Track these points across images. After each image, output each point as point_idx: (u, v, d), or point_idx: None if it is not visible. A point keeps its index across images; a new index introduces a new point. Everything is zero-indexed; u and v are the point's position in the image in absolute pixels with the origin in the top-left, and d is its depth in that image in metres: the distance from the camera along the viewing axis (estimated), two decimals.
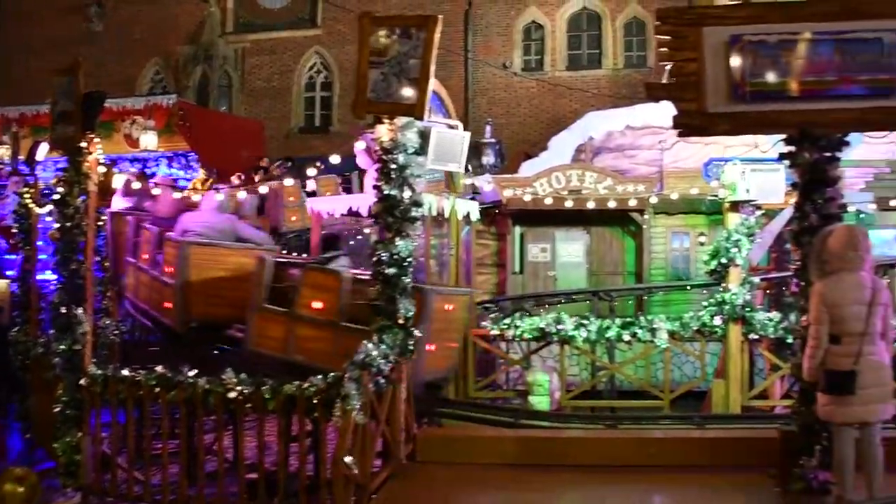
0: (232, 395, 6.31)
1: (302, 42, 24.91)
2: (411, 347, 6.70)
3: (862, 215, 13.74)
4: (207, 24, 25.11)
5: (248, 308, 7.86)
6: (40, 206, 10.07)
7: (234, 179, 15.70)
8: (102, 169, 8.64)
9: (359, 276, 7.61)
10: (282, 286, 7.93)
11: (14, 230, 10.91)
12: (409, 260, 6.71)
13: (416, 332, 6.74)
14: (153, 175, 15.21)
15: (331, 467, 5.76)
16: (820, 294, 5.33)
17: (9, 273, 11.96)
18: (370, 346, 6.19)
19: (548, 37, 22.26)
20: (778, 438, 6.00)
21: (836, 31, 5.55)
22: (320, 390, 6.02)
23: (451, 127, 8.04)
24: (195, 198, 12.10)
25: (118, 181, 11.67)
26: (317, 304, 7.48)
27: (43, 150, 11.11)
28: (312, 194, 12.73)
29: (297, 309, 7.59)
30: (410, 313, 6.68)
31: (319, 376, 6.08)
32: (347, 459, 5.61)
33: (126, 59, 25.25)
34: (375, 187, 6.81)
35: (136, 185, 11.49)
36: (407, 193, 6.70)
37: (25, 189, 10.54)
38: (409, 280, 6.73)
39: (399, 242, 6.66)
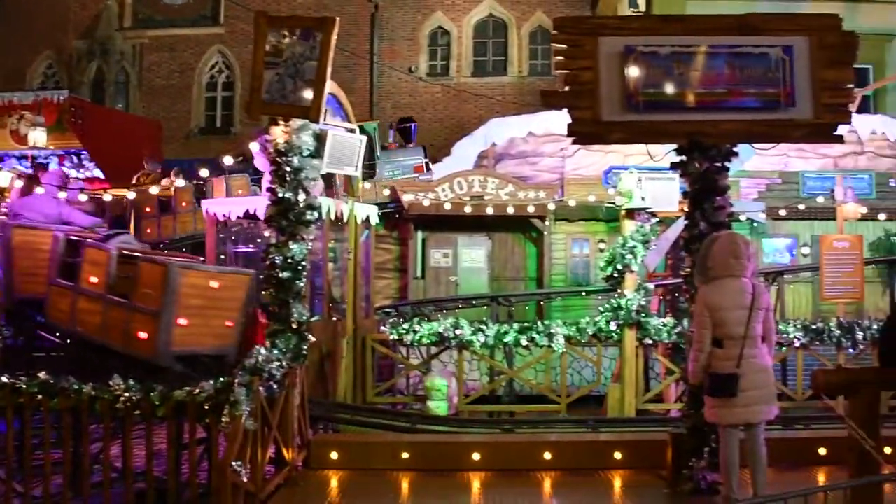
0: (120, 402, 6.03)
1: (203, 40, 24.26)
2: (305, 352, 6.57)
3: (754, 224, 14.31)
4: (104, 17, 24.16)
5: (47, 283, 7.80)
6: None
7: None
8: None
9: (127, 254, 7.52)
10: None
11: None
12: (303, 264, 6.58)
13: (310, 337, 6.62)
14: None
15: (215, 474, 5.56)
16: (703, 299, 5.47)
17: None
18: (262, 350, 6.04)
19: (454, 42, 22.36)
20: (669, 441, 6.13)
21: (728, 45, 5.73)
22: (210, 396, 5.81)
23: (349, 131, 7.92)
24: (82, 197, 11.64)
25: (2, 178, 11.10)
26: (93, 279, 7.36)
27: None
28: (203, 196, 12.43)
29: (79, 283, 7.48)
30: (304, 318, 6.55)
31: (211, 381, 5.88)
32: (235, 465, 5.43)
33: (16, 51, 24.05)
34: (269, 190, 6.65)
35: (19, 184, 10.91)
36: (301, 196, 6.56)
37: None
38: (302, 284, 6.61)
39: (293, 246, 6.51)
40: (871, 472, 5.03)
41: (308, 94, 6.34)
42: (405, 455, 6.86)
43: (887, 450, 5.58)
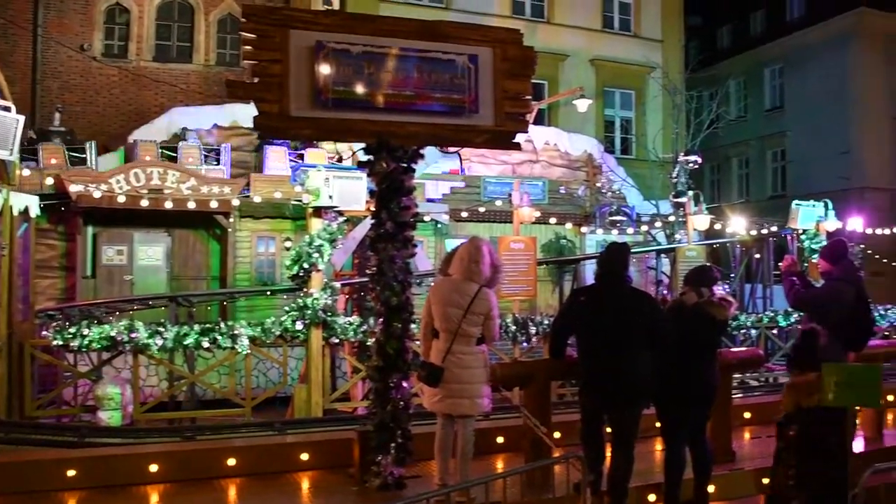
0: None
1: None
2: None
3: (438, 225, 15.01)
4: None
5: None
6: None
7: None
8: None
9: None
10: None
11: None
12: None
13: None
14: None
15: None
16: (430, 293, 5.70)
17: None
18: None
19: (134, 22, 20.73)
20: (356, 439, 6.14)
21: (418, 49, 5.83)
22: None
23: (3, 109, 6.95)
24: None
25: None
26: None
27: None
28: None
29: None
30: None
31: None
32: None
33: None
34: None
35: None
36: None
37: None
38: None
39: None
40: (543, 456, 5.44)
41: None
42: (71, 472, 6.13)
43: (557, 434, 6.06)
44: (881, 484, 5.53)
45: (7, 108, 6.90)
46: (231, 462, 6.47)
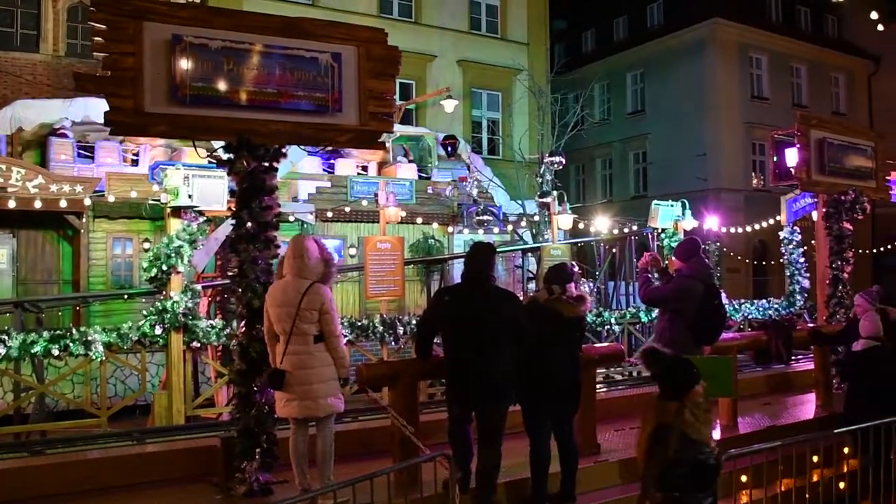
0: None
1: None
2: None
3: (304, 225, 14.78)
4: None
5: None
6: None
7: None
8: None
9: None
10: None
11: None
12: None
13: None
14: None
15: None
16: (266, 297, 5.57)
17: None
18: None
19: None
20: (220, 445, 5.96)
21: (281, 46, 5.70)
22: None
23: None
24: None
25: None
26: None
27: None
28: None
29: None
30: None
31: None
32: None
33: None
34: None
35: None
36: None
37: None
38: None
39: None
40: (412, 456, 5.43)
41: None
42: None
43: (426, 435, 6.05)
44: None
45: None
46: (86, 475, 6.14)
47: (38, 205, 12.05)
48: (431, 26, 23.74)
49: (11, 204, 11.89)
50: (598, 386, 8.55)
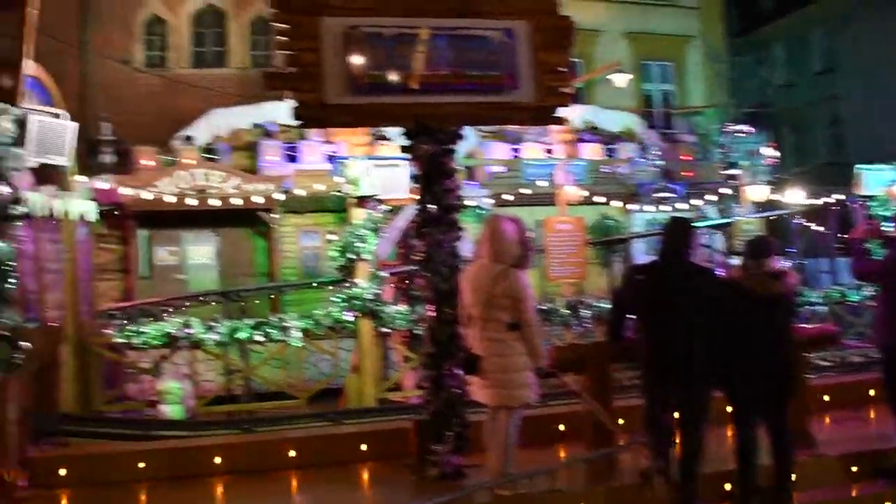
0: None
1: None
2: (19, 362, 5.75)
3: (481, 210, 14.90)
4: None
5: None
6: None
7: None
8: None
9: None
10: None
11: None
12: (9, 264, 5.75)
13: (25, 345, 5.80)
14: None
15: None
16: (462, 279, 5.52)
17: None
18: None
19: (171, 32, 21.04)
20: (412, 428, 6.08)
21: (450, 27, 5.73)
22: None
23: (55, 116, 7.03)
24: None
25: None
26: None
27: None
28: None
29: None
30: (15, 324, 5.75)
31: None
32: None
33: None
34: None
35: None
36: (4, 189, 5.74)
37: None
38: (10, 287, 5.77)
39: None
40: (606, 443, 5.28)
41: (4, 76, 5.55)
42: (141, 465, 6.26)
43: (620, 421, 5.88)
44: None
45: (56, 115, 6.99)
46: (291, 453, 6.50)
47: (236, 202, 13.00)
48: (596, 0, 23.18)
49: (213, 203, 12.90)
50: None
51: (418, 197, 5.97)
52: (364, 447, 6.57)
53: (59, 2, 19.71)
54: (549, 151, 17.28)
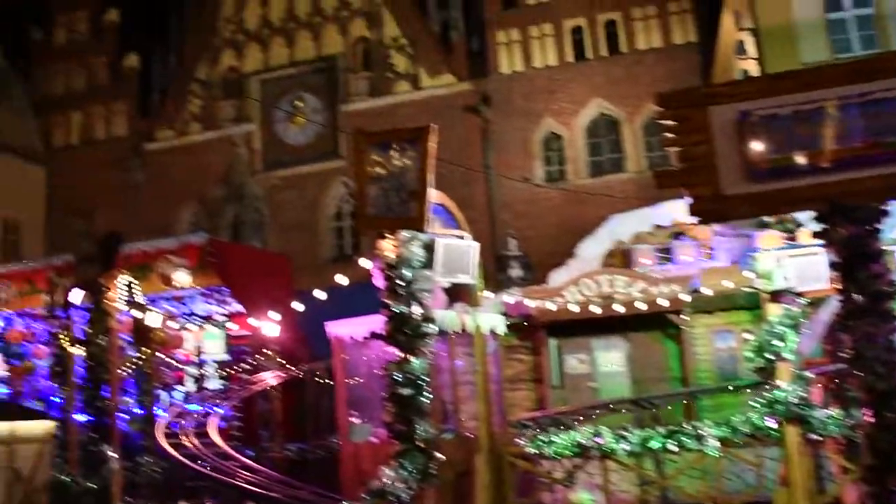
0: None
1: (327, 174, 25.29)
2: (434, 472, 6.19)
3: None
4: (234, 164, 25.71)
5: None
6: (75, 347, 10.07)
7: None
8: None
9: None
10: None
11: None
12: (424, 378, 6.30)
13: (439, 455, 6.25)
14: None
15: None
16: None
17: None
18: (388, 472, 5.75)
19: (567, 146, 22.27)
20: None
21: (858, 93, 5.17)
22: None
23: (459, 238, 7.68)
24: None
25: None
26: None
27: (77, 295, 11.16)
28: None
29: None
30: (430, 435, 6.22)
31: None
32: None
33: (164, 205, 25.87)
34: (383, 305, 6.47)
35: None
36: (417, 309, 6.35)
37: (61, 332, 10.57)
38: (426, 400, 6.30)
39: (413, 361, 6.27)
40: None
41: (412, 205, 6.23)
42: None
43: None
44: None
45: (461, 237, 7.62)
46: None
47: (641, 306, 12.86)
48: None
49: (618, 308, 12.90)
50: None
51: (840, 286, 5.35)
52: None
53: (463, 134, 22.14)
54: None
